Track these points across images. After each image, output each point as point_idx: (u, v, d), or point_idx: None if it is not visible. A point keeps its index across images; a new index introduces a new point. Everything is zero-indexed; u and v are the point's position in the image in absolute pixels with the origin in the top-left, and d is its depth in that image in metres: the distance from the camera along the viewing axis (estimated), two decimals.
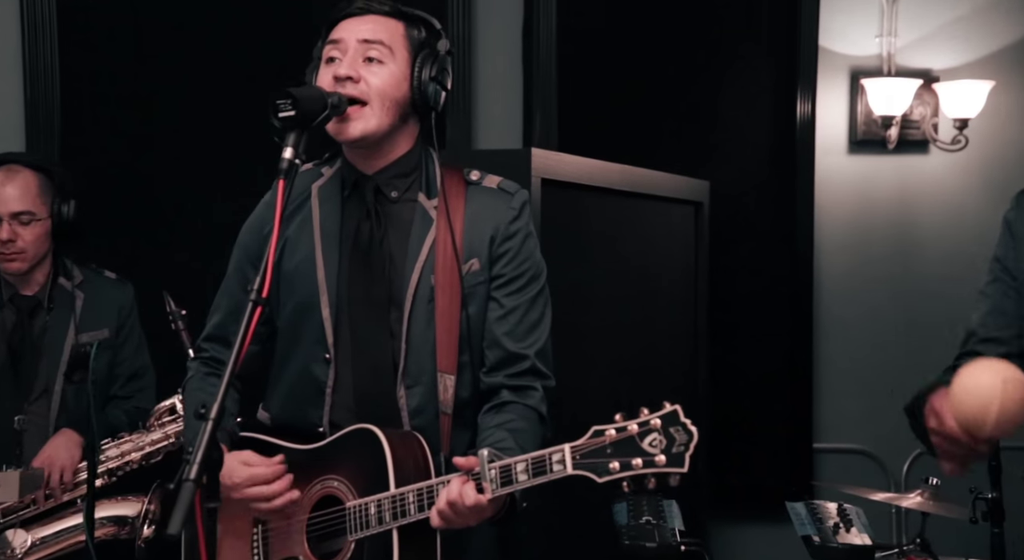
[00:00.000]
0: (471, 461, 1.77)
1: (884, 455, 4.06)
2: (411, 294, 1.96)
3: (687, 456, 1.62)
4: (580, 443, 1.67)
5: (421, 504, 1.81)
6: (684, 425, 1.64)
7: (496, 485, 1.73)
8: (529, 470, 1.71)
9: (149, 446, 2.89)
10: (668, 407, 1.65)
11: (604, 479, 1.64)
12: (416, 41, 2.00)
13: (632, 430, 1.64)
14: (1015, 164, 4.04)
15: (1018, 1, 4.03)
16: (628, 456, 1.63)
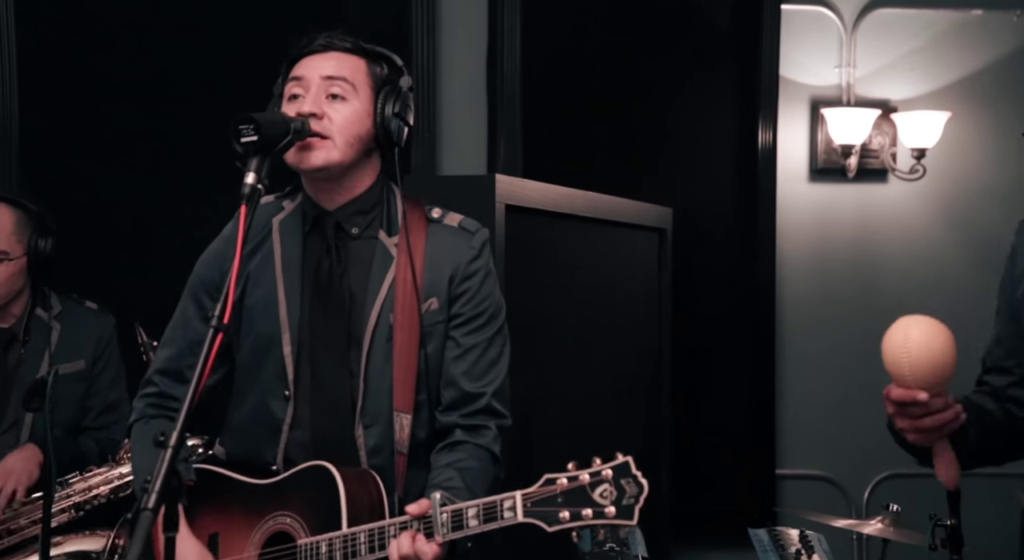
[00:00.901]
0: (423, 506, 1.75)
1: (846, 481, 4.10)
2: (370, 332, 1.95)
3: (636, 509, 1.61)
4: (531, 491, 1.67)
5: (372, 545, 1.79)
6: (635, 477, 1.62)
7: (447, 530, 1.72)
8: (480, 516, 1.70)
9: (117, 479, 2.84)
10: (620, 458, 1.64)
11: (554, 528, 1.64)
12: (378, 78, 2.00)
13: (583, 480, 1.63)
14: (971, 193, 4.11)
15: (973, 34, 4.11)
16: (578, 506, 1.62)
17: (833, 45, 4.09)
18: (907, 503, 3.06)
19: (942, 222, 4.13)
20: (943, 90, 4.11)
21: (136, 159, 3.66)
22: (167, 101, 3.67)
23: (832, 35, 4.08)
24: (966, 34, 4.12)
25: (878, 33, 4.09)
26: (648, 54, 3.98)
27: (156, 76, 3.67)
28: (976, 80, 4.11)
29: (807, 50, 4.08)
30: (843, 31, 4.08)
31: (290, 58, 2.02)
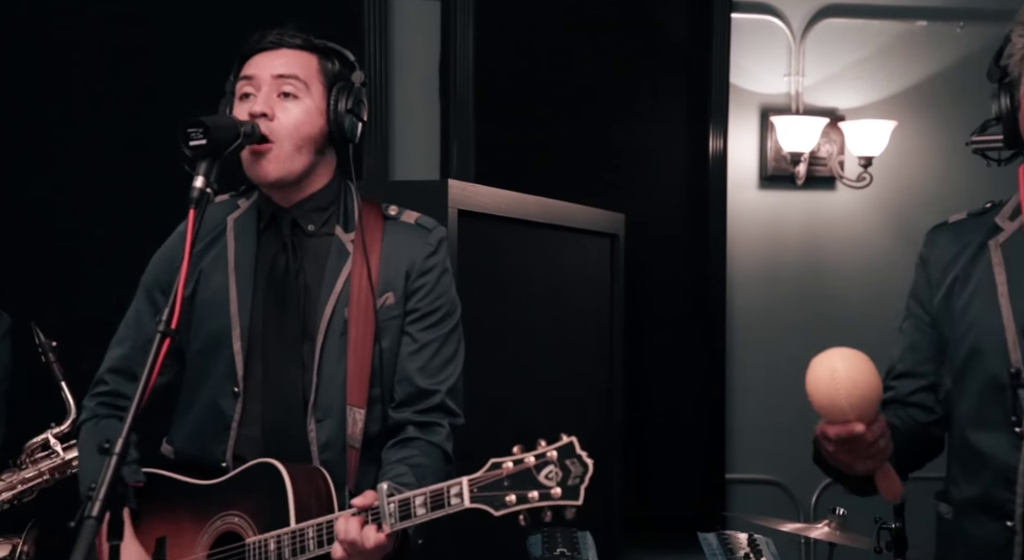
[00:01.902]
0: (368, 497, 1.75)
1: (794, 486, 4.14)
2: (324, 327, 1.95)
3: (582, 488, 1.62)
4: (477, 476, 1.67)
5: (321, 539, 1.78)
6: (580, 457, 1.63)
7: (395, 519, 1.72)
8: (428, 504, 1.70)
9: (21, 484, 2.75)
10: (564, 439, 1.65)
11: (501, 512, 1.64)
12: (331, 74, 2.01)
13: (529, 462, 1.64)
14: (916, 201, 4.17)
15: (918, 45, 4.18)
16: (524, 489, 1.63)
17: (782, 54, 4.13)
18: (853, 507, 3.10)
19: (888, 229, 4.19)
20: (889, 99, 4.17)
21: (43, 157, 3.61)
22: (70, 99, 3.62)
23: (781, 44, 4.13)
24: (911, 44, 4.18)
25: (826, 43, 4.14)
26: (601, 61, 4.00)
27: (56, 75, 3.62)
28: (921, 90, 4.18)
29: (757, 59, 4.12)
30: (792, 40, 4.13)
31: (241, 56, 2.01)
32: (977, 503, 1.85)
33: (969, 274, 1.91)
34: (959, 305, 1.91)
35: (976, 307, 1.87)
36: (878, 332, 4.07)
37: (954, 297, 1.92)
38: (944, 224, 2.06)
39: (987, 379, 1.83)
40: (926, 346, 2.00)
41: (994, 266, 1.87)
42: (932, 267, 2.01)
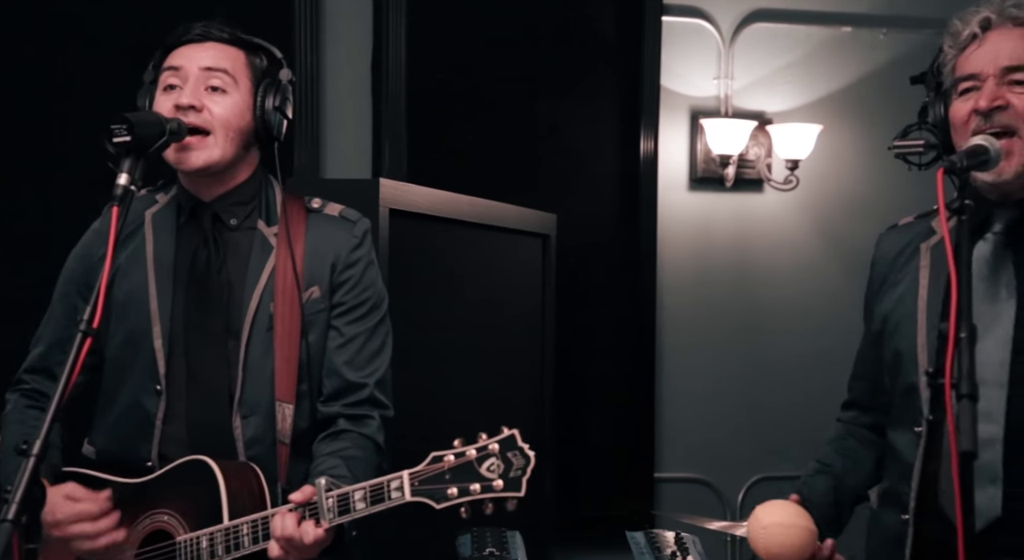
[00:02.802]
0: (307, 492, 1.74)
1: (721, 484, 4.19)
2: (249, 322, 1.93)
3: (524, 480, 1.63)
4: (418, 469, 1.67)
5: (256, 536, 1.77)
6: (521, 450, 1.65)
7: (333, 514, 1.71)
8: (367, 498, 1.69)
9: None
10: (506, 432, 1.66)
11: (442, 505, 1.65)
12: (258, 70, 1.99)
13: (470, 455, 1.65)
14: (841, 203, 4.26)
15: (843, 50, 4.25)
16: (466, 482, 1.64)
17: (712, 57, 4.18)
18: None
19: (814, 231, 4.27)
20: (815, 103, 4.23)
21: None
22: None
23: (711, 48, 4.17)
24: (837, 50, 4.25)
25: (755, 47, 4.19)
26: (533, 62, 4.01)
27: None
28: (846, 94, 4.25)
29: (687, 62, 4.16)
30: (721, 44, 4.17)
31: (164, 47, 1.98)
32: (888, 496, 1.94)
33: (902, 276, 1.96)
34: (888, 307, 1.96)
35: (900, 310, 1.93)
36: (804, 332, 4.21)
37: (886, 299, 1.97)
38: (893, 227, 2.10)
39: (904, 381, 1.89)
40: (869, 362, 2.07)
41: (920, 269, 1.92)
42: (876, 270, 2.06)
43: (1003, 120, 1.76)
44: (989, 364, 1.76)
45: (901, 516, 1.85)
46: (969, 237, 1.83)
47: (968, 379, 1.46)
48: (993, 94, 1.77)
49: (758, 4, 4.18)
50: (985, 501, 1.76)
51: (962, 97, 1.83)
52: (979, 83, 1.80)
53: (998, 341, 1.77)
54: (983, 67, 1.79)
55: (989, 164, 1.71)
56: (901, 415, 1.90)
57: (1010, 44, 1.79)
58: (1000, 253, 1.82)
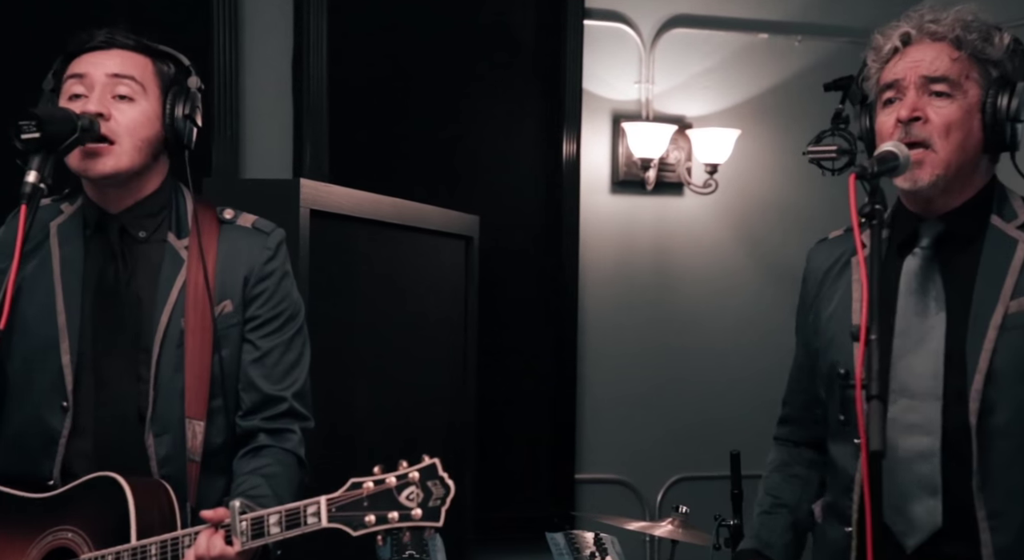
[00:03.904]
0: (220, 513, 1.71)
1: (640, 485, 4.23)
2: (159, 338, 1.88)
3: (443, 510, 1.61)
4: (336, 495, 1.65)
5: (164, 557, 1.73)
6: (442, 478, 1.63)
7: (247, 537, 1.68)
8: (282, 522, 1.67)
9: None
10: (427, 460, 1.64)
11: (359, 532, 1.63)
12: (166, 77, 1.94)
13: (390, 483, 1.62)
14: (758, 207, 4.32)
15: (760, 57, 4.31)
16: (384, 509, 1.62)
17: (633, 61, 4.21)
18: (696, 504, 3.20)
19: (732, 234, 4.33)
20: (733, 108, 4.29)
21: None
22: None
23: (632, 52, 4.20)
24: (754, 56, 4.31)
25: (675, 52, 4.23)
26: (455, 64, 4.00)
27: None
28: (763, 100, 4.31)
29: (609, 65, 4.18)
30: (642, 48, 4.20)
31: (66, 54, 1.92)
32: (831, 509, 1.96)
33: (834, 289, 1.99)
34: (823, 321, 1.98)
35: (834, 323, 1.95)
36: (722, 332, 4.26)
37: (821, 313, 2.00)
38: (824, 240, 2.11)
39: (840, 393, 1.91)
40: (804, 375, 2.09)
41: (853, 283, 1.94)
42: (807, 284, 2.08)
43: (920, 133, 1.80)
44: (923, 377, 1.80)
45: (845, 529, 1.87)
46: (896, 253, 1.89)
47: (878, 380, 1.49)
48: (913, 105, 1.81)
49: (678, 10, 4.23)
50: (926, 513, 1.79)
51: (886, 109, 1.87)
52: (901, 94, 1.84)
53: (930, 354, 1.81)
54: (904, 74, 1.84)
55: (898, 170, 1.75)
56: (840, 428, 1.93)
57: (930, 55, 1.83)
58: (928, 267, 1.85)
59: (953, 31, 1.83)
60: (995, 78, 1.83)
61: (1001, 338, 1.76)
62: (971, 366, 1.77)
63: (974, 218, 1.86)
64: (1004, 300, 1.78)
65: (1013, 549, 1.75)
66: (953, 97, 1.82)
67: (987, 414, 1.75)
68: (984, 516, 1.76)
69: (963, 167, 1.83)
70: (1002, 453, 1.75)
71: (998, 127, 1.82)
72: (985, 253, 1.83)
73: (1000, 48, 1.85)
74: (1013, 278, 1.79)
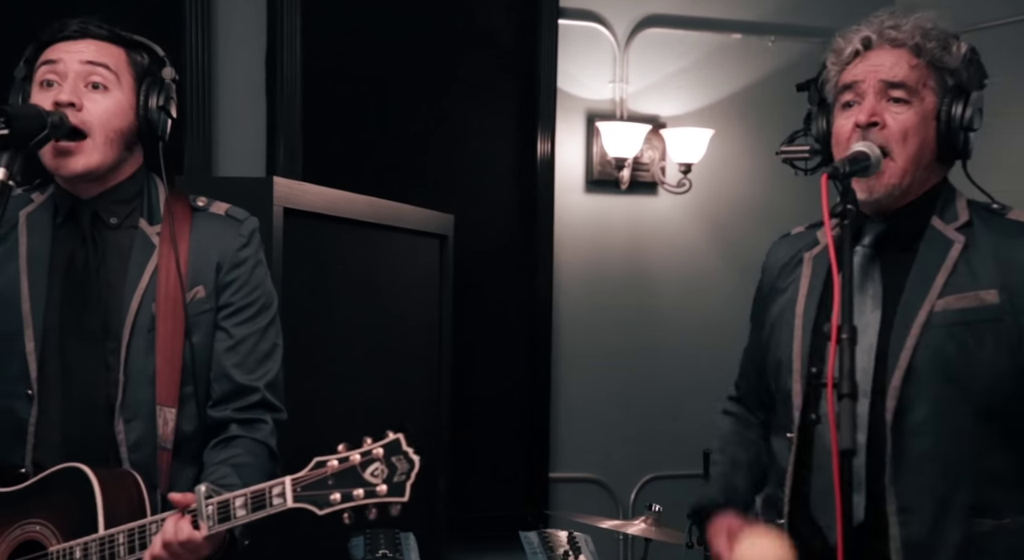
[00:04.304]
0: (187, 497, 1.70)
1: (614, 484, 4.24)
2: (130, 323, 1.87)
3: (408, 485, 1.61)
4: (301, 475, 1.64)
5: (132, 545, 1.73)
6: (406, 454, 1.62)
7: (213, 521, 1.67)
8: (248, 505, 1.66)
9: None
10: (391, 436, 1.64)
11: (325, 511, 1.62)
12: (140, 68, 1.93)
13: (354, 460, 1.62)
14: (731, 207, 4.34)
15: (734, 57, 4.33)
16: (350, 487, 1.61)
17: (607, 61, 4.22)
18: (669, 503, 3.21)
19: (706, 234, 4.35)
20: (707, 108, 4.31)
21: None
22: None
23: (607, 51, 4.22)
24: (727, 56, 4.33)
25: (649, 52, 4.24)
26: (430, 62, 4.00)
27: None
28: (736, 100, 4.34)
29: (583, 65, 4.19)
30: (616, 48, 4.22)
31: (38, 43, 1.91)
32: (769, 501, 1.98)
33: (786, 286, 2.01)
34: (772, 317, 2.01)
35: (781, 319, 1.98)
36: (695, 331, 4.28)
37: (772, 308, 2.02)
38: (786, 236, 2.14)
39: (783, 387, 1.94)
40: (755, 362, 2.11)
41: (802, 279, 1.97)
42: (764, 278, 2.11)
43: (878, 139, 1.82)
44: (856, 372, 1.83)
45: (777, 521, 1.90)
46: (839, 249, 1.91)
47: (849, 379, 1.50)
48: (872, 109, 1.83)
49: (652, 10, 4.24)
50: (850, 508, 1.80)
51: (844, 112, 1.89)
52: (859, 98, 1.86)
53: (863, 350, 1.82)
54: (864, 77, 1.86)
55: (870, 170, 1.77)
56: (779, 421, 1.96)
57: (890, 61, 1.85)
58: (868, 265, 1.88)
59: (913, 38, 1.85)
60: (951, 86, 1.86)
61: (923, 336, 1.79)
62: (892, 364, 1.79)
63: (916, 219, 1.88)
64: (931, 299, 1.80)
65: (921, 545, 1.77)
66: (910, 104, 1.84)
67: (904, 411, 1.78)
68: (894, 510, 1.78)
69: (916, 175, 1.85)
70: (916, 450, 1.77)
71: (952, 135, 1.84)
72: (921, 253, 1.86)
73: (957, 57, 1.87)
74: (943, 277, 1.81)
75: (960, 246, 1.83)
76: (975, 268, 1.81)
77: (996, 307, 1.79)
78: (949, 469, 1.77)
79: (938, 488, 1.77)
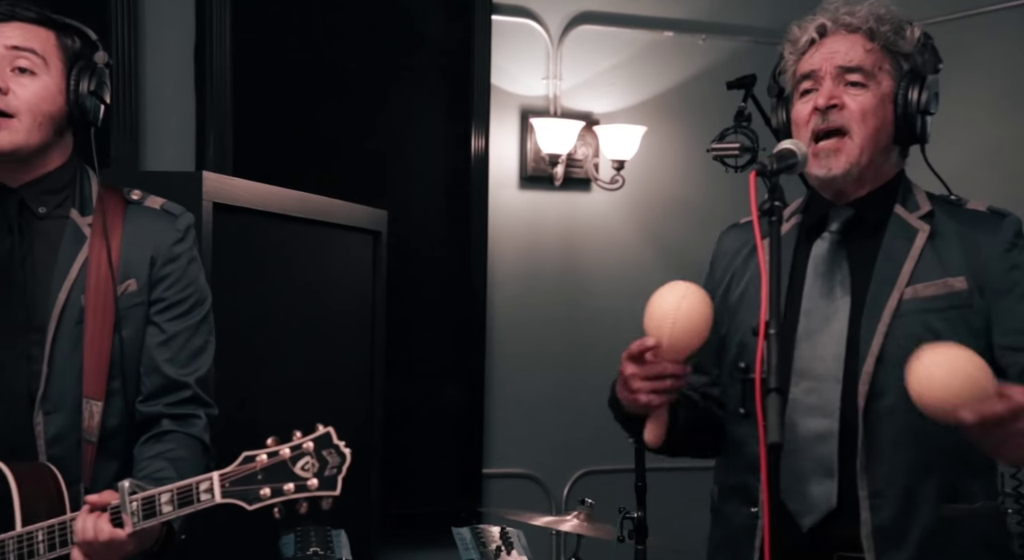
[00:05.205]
0: (105, 496, 1.67)
1: (547, 479, 4.25)
2: (56, 315, 1.84)
3: (339, 479, 1.60)
4: (229, 470, 1.63)
5: (52, 543, 1.69)
6: (337, 447, 1.61)
7: (138, 518, 1.65)
8: (175, 501, 1.64)
9: None
10: (321, 429, 1.63)
11: (255, 506, 1.60)
12: (71, 51, 1.89)
13: (284, 454, 1.61)
14: (663, 203, 4.38)
15: (665, 54, 4.36)
16: (280, 481, 1.60)
17: (541, 57, 4.22)
18: (601, 498, 3.23)
19: (638, 230, 4.38)
20: (639, 105, 4.33)
21: None
22: None
23: (540, 48, 4.22)
24: (659, 54, 4.36)
25: (582, 48, 4.26)
26: (362, 57, 3.97)
27: None
28: (668, 97, 4.37)
29: (517, 61, 4.19)
30: (550, 45, 4.22)
31: None
32: (734, 489, 1.97)
33: (743, 273, 2.02)
34: (731, 302, 2.02)
35: (743, 305, 1.99)
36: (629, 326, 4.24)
37: (730, 294, 2.03)
38: (735, 225, 2.15)
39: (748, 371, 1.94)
40: (710, 344, 2.11)
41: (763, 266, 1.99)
42: (716, 265, 2.12)
43: (838, 120, 1.86)
44: (825, 359, 1.85)
45: (750, 509, 1.89)
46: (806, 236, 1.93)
47: (776, 373, 1.52)
48: (830, 93, 1.87)
49: (585, 7, 4.26)
50: (822, 494, 1.83)
51: (803, 98, 1.92)
52: (818, 84, 1.90)
53: (833, 337, 1.85)
54: (821, 65, 1.90)
55: (797, 167, 1.79)
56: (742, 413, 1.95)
57: (845, 46, 1.89)
58: (835, 252, 1.91)
59: (867, 23, 1.90)
60: (906, 71, 1.90)
61: (894, 323, 1.82)
62: (864, 349, 1.82)
63: (880, 207, 1.92)
64: (900, 286, 1.84)
65: (890, 527, 1.80)
66: (867, 87, 1.88)
67: (876, 397, 1.80)
68: (866, 495, 1.81)
69: (875, 156, 1.89)
70: (887, 435, 1.80)
71: (909, 119, 1.89)
72: (886, 240, 1.89)
73: (911, 42, 1.92)
74: (910, 265, 1.85)
75: (925, 235, 1.87)
76: (942, 256, 1.85)
77: (965, 293, 1.83)
78: (920, 455, 1.80)
79: (909, 473, 1.80)
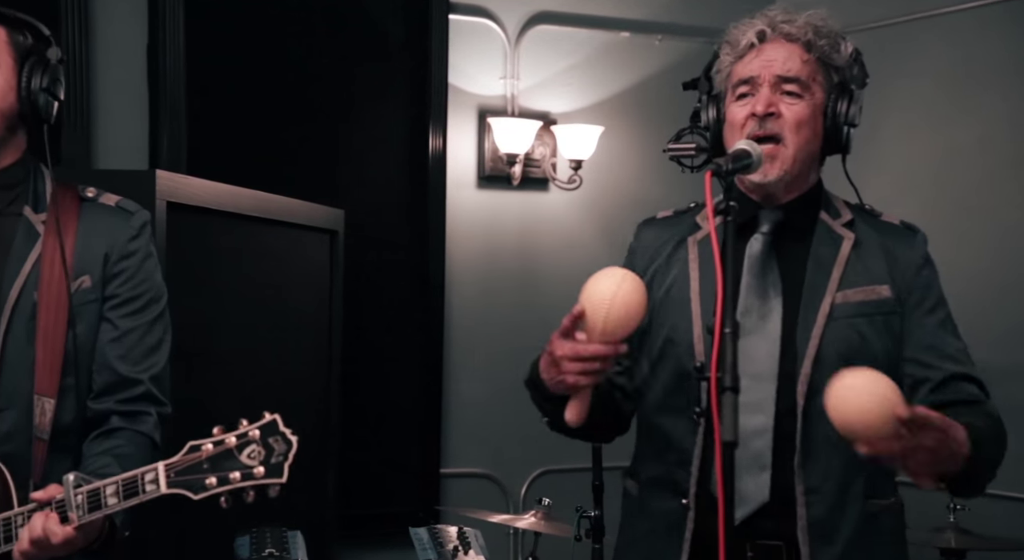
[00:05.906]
0: (50, 491, 1.66)
1: (505, 478, 4.26)
2: (8, 311, 1.82)
3: (286, 466, 1.59)
4: (175, 460, 1.62)
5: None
6: (283, 434, 1.60)
7: (83, 511, 1.63)
8: (120, 492, 1.63)
9: None
10: (267, 417, 1.62)
11: (200, 496, 1.59)
12: (22, 47, 1.87)
13: (230, 443, 1.60)
14: (620, 203, 4.39)
15: (622, 55, 4.38)
16: (225, 470, 1.59)
17: (498, 57, 4.23)
18: (559, 497, 3.24)
19: (595, 229, 4.39)
20: (597, 105, 4.35)
21: None
22: None
23: (497, 47, 4.22)
24: (616, 54, 4.38)
25: (539, 48, 4.27)
26: (319, 57, 3.95)
27: None
28: (625, 97, 4.39)
29: (475, 61, 4.19)
30: (507, 44, 4.23)
31: None
32: (660, 481, 1.99)
33: (669, 267, 2.05)
34: (658, 296, 2.03)
35: (671, 300, 2.01)
36: None
37: (654, 288, 2.04)
38: (652, 219, 2.21)
39: (676, 369, 1.97)
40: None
41: (690, 262, 2.02)
42: (638, 257, 2.15)
43: (773, 127, 1.91)
44: (759, 358, 1.88)
45: (681, 501, 1.92)
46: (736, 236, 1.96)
47: (731, 372, 1.54)
48: (768, 101, 1.91)
49: (542, 7, 4.27)
50: (755, 487, 1.87)
51: (739, 101, 1.96)
52: (755, 90, 1.93)
53: (767, 336, 1.90)
54: (760, 72, 1.93)
55: (752, 167, 1.83)
56: (674, 401, 1.97)
57: (783, 55, 1.93)
58: (767, 252, 1.95)
59: (806, 35, 1.94)
60: (836, 83, 1.96)
61: (828, 326, 1.88)
62: (801, 351, 1.88)
63: (805, 213, 1.98)
64: (831, 291, 1.91)
65: (824, 523, 1.86)
66: (803, 97, 1.93)
67: (813, 396, 1.84)
68: (802, 491, 1.86)
69: (804, 164, 1.95)
70: (823, 433, 1.83)
71: (837, 130, 1.95)
72: (814, 246, 1.96)
73: (844, 56, 1.97)
74: (839, 271, 1.92)
75: (850, 242, 1.95)
76: (868, 264, 1.93)
77: (891, 301, 1.91)
78: (852, 453, 1.83)
79: (841, 470, 1.86)
